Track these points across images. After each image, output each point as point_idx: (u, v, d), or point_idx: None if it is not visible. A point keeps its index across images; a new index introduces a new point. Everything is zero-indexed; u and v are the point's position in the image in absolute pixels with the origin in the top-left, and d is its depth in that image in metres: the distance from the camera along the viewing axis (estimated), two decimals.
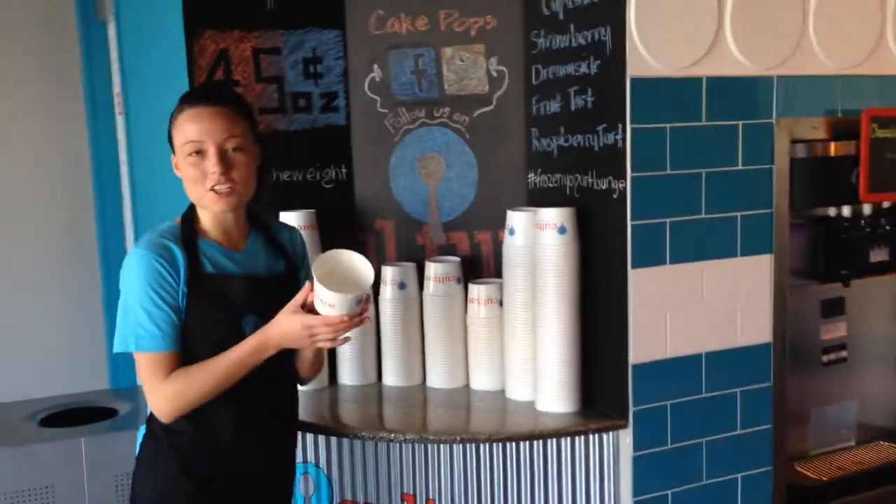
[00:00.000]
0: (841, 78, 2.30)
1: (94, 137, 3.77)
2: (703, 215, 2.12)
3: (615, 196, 2.07)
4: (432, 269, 2.42)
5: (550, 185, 2.38)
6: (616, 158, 2.05)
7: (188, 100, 1.74)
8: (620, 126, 2.03)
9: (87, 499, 2.52)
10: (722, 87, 2.11)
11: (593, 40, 2.13)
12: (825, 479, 2.38)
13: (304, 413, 2.30)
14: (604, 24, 2.08)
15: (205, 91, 1.86)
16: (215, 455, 1.74)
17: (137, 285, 1.65)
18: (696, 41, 2.08)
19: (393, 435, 2.09)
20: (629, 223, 2.03)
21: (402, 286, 2.45)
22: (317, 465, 2.26)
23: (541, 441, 2.12)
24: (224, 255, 1.75)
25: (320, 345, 1.69)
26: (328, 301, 1.62)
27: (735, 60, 2.13)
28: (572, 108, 2.24)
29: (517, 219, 2.26)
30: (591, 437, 2.11)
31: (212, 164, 1.68)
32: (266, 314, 1.71)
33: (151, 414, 1.74)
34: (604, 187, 2.12)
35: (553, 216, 2.13)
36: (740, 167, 2.16)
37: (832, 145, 2.31)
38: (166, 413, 1.68)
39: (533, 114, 2.46)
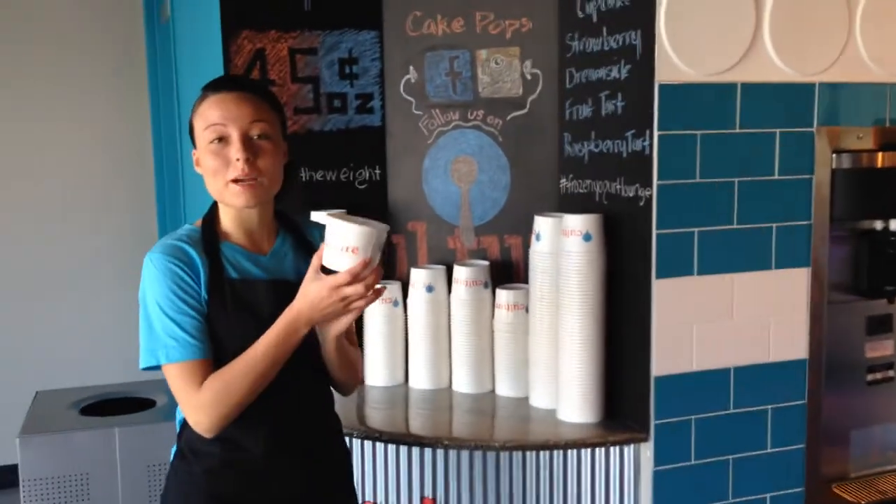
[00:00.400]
0: (891, 86, 2.20)
1: (156, 137, 3.87)
2: (734, 225, 2.05)
3: (641, 204, 2.01)
4: (460, 272, 2.41)
5: (581, 190, 2.34)
6: (643, 165, 2.00)
7: (210, 86, 1.59)
8: (648, 132, 1.98)
9: (120, 487, 2.58)
10: (758, 94, 2.04)
11: (624, 44, 2.08)
12: (863, 502, 2.28)
13: None
14: (634, 28, 2.03)
15: (228, 78, 1.73)
16: (247, 477, 1.57)
17: (159, 292, 1.50)
18: (731, 46, 2.01)
19: (412, 439, 2.08)
20: (654, 232, 1.98)
21: (429, 289, 2.44)
22: None
23: (561, 451, 2.09)
24: (248, 258, 1.59)
25: (355, 306, 1.48)
26: (350, 243, 1.42)
27: (773, 66, 2.06)
28: (603, 113, 2.19)
29: (544, 224, 2.22)
30: (611, 449, 2.06)
31: (235, 151, 1.52)
32: None
33: (180, 432, 1.62)
34: (631, 194, 2.07)
35: (578, 223, 2.09)
36: (777, 177, 2.08)
37: (879, 156, 2.21)
38: (208, 424, 1.50)
39: (566, 118, 2.42)
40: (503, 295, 2.36)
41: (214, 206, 1.63)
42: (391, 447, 2.21)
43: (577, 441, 2.04)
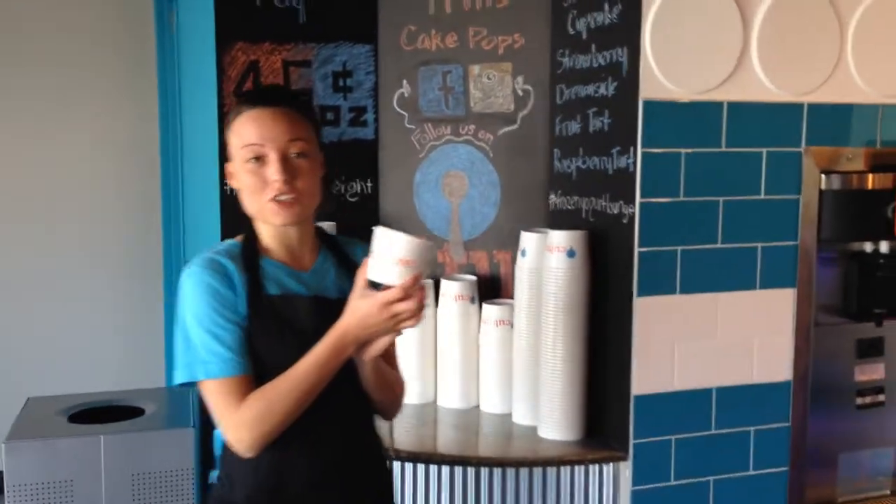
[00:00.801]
0: (883, 107, 2.19)
1: (164, 145, 3.89)
2: (719, 245, 2.04)
3: (625, 221, 2.01)
4: (447, 287, 2.40)
5: (569, 207, 2.33)
6: (627, 182, 2.00)
7: (246, 100, 1.52)
8: (632, 149, 1.97)
9: (105, 495, 2.58)
10: (745, 113, 2.04)
11: (611, 61, 2.08)
12: None
13: None
14: (621, 45, 2.03)
15: (265, 91, 1.62)
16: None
17: (197, 306, 1.45)
18: (718, 65, 2.01)
19: (392, 453, 2.07)
20: (636, 249, 1.97)
21: None
22: None
23: (540, 468, 2.07)
24: (289, 274, 1.52)
25: (405, 324, 1.40)
26: (403, 256, 1.35)
27: (761, 86, 2.05)
28: (590, 129, 2.19)
29: (529, 240, 2.22)
30: (590, 467, 2.05)
31: (273, 172, 1.46)
32: None
33: (222, 458, 1.55)
34: (616, 212, 2.06)
35: (562, 239, 2.09)
36: (763, 196, 2.07)
37: (869, 177, 2.19)
38: (248, 443, 1.43)
39: (556, 134, 2.42)
40: (489, 310, 2.35)
41: (253, 222, 1.57)
42: None
43: (556, 459, 2.02)
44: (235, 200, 2.56)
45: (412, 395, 2.45)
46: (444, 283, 2.42)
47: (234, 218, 2.52)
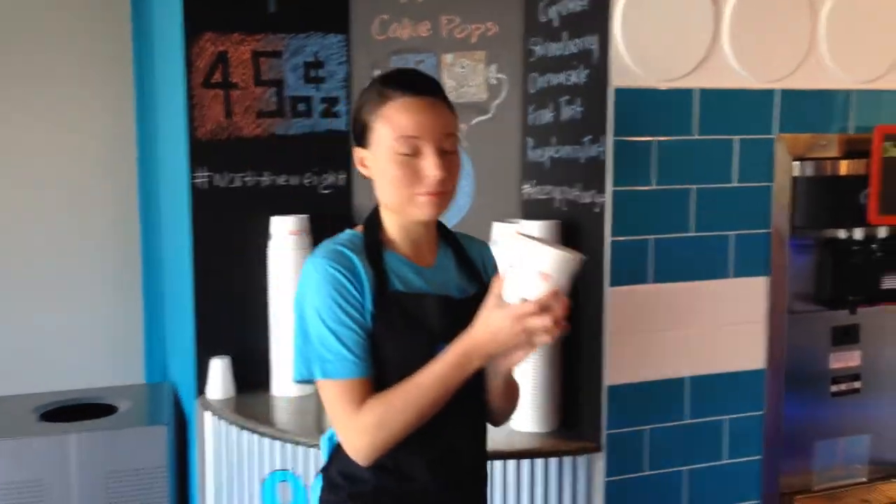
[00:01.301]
0: (856, 92, 2.18)
1: (140, 137, 3.83)
2: (691, 233, 2.02)
3: (597, 210, 1.99)
4: None
5: (542, 196, 2.31)
6: (599, 171, 1.98)
7: (399, 86, 1.40)
8: (602, 138, 1.95)
9: (77, 494, 2.54)
10: (717, 100, 2.02)
11: (582, 49, 2.06)
12: None
13: (287, 420, 2.30)
14: (592, 33, 2.01)
15: (417, 77, 1.46)
16: None
17: (320, 300, 1.37)
18: (689, 51, 1.99)
19: None
20: (608, 239, 1.95)
21: None
22: (295, 473, 2.24)
23: (514, 461, 2.05)
24: (413, 270, 1.45)
25: (539, 340, 1.31)
26: (542, 268, 1.25)
27: (733, 72, 2.04)
28: (562, 118, 2.17)
29: (500, 231, 2.20)
30: (564, 459, 2.03)
31: (432, 167, 1.37)
32: None
33: (329, 462, 1.49)
34: (588, 201, 2.04)
35: (534, 229, 2.06)
36: (735, 184, 2.06)
37: (842, 164, 2.18)
38: (365, 450, 1.36)
39: (529, 123, 2.40)
40: None
41: (376, 212, 1.48)
42: None
43: (530, 451, 2.01)
44: (207, 193, 2.57)
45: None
46: None
47: (207, 211, 2.51)
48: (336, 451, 1.46)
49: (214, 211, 2.50)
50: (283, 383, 2.47)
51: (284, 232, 2.43)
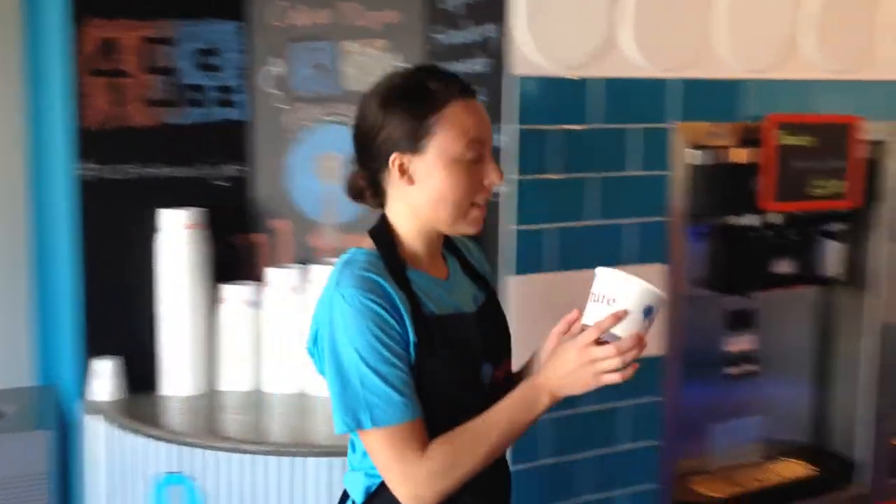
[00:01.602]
0: (750, 82, 2.24)
1: (29, 126, 3.62)
2: (590, 221, 2.04)
3: (492, 199, 1.98)
4: (321, 272, 2.33)
5: None
6: (504, 160, 1.97)
7: (456, 86, 1.29)
8: (504, 126, 1.95)
9: None
10: (615, 89, 2.04)
11: (484, 37, 2.05)
12: (720, 496, 2.31)
13: (178, 421, 2.21)
14: (492, 21, 2.00)
15: (461, 78, 1.34)
16: None
17: (358, 338, 1.21)
18: (587, 40, 2.01)
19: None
20: (514, 227, 1.95)
21: (294, 289, 2.36)
22: (188, 476, 2.15)
23: None
24: (440, 287, 1.32)
25: (606, 379, 1.22)
26: (623, 305, 1.20)
27: (631, 62, 2.06)
28: None
29: None
30: None
31: (493, 171, 1.28)
32: (498, 359, 1.36)
33: (376, 497, 1.31)
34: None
35: None
36: (633, 172, 2.08)
37: (737, 151, 2.24)
38: (430, 499, 1.23)
39: None
40: None
41: (387, 224, 1.33)
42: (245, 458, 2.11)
43: None
44: (95, 185, 2.44)
45: (282, 384, 2.38)
46: (316, 268, 2.35)
47: (95, 203, 2.38)
48: (375, 498, 1.31)
49: (104, 203, 2.38)
50: (173, 382, 2.37)
51: (177, 225, 2.34)
